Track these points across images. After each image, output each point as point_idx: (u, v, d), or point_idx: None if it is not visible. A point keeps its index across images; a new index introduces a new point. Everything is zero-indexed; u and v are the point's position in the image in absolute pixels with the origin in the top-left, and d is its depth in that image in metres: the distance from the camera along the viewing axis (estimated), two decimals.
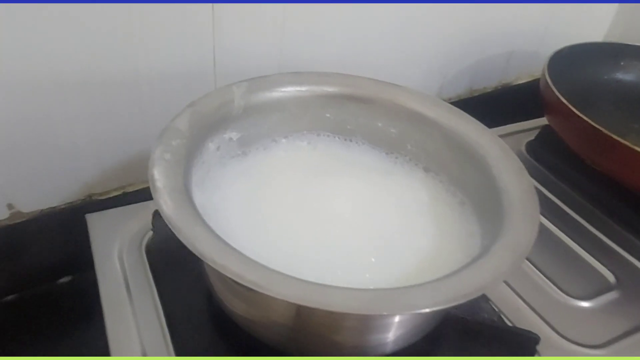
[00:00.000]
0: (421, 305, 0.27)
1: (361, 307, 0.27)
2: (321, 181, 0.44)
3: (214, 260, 0.27)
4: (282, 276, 0.28)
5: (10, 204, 0.50)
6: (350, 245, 0.38)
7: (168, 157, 0.34)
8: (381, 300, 0.27)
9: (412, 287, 0.28)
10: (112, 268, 0.45)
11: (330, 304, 0.26)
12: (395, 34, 0.64)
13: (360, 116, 0.46)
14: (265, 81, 0.44)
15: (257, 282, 0.26)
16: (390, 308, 0.27)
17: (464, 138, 0.42)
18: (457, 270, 0.30)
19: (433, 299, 0.27)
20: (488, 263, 0.30)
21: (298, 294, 0.26)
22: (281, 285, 0.27)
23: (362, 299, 0.27)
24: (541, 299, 0.46)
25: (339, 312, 0.26)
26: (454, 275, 0.30)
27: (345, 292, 0.27)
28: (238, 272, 0.27)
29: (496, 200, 0.36)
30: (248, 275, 0.27)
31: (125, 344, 0.40)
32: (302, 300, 0.26)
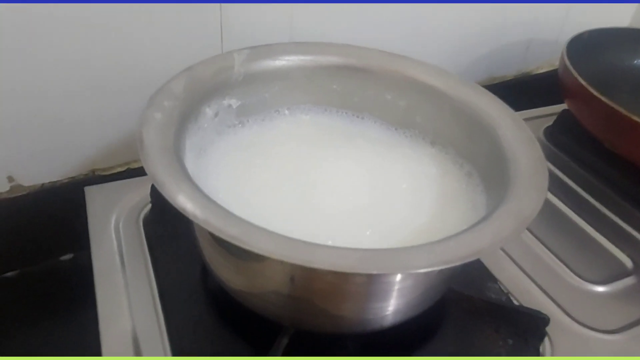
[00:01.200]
0: (414, 266, 0.25)
1: (348, 265, 0.25)
2: (321, 153, 0.42)
3: (195, 215, 0.26)
4: (266, 232, 0.26)
5: (10, 177, 0.49)
6: (347, 217, 0.36)
7: (159, 117, 0.33)
8: (370, 260, 0.26)
9: (405, 248, 0.27)
10: (108, 240, 0.44)
11: (315, 260, 0.25)
12: (411, 20, 0.62)
13: (368, 88, 0.44)
14: (268, 49, 0.42)
15: (238, 237, 0.25)
16: (380, 267, 0.25)
17: (474, 109, 0.40)
18: (456, 234, 0.28)
19: (427, 259, 0.26)
20: (488, 227, 0.28)
21: (282, 250, 0.25)
22: (264, 241, 0.25)
23: (350, 257, 0.25)
24: (554, 282, 0.43)
25: (322, 269, 0.24)
26: (451, 238, 0.28)
27: (332, 250, 0.26)
28: (219, 227, 0.26)
29: (504, 170, 0.35)
30: (230, 229, 0.25)
31: (115, 317, 0.39)
32: (285, 256, 0.25)
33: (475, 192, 0.37)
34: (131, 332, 0.37)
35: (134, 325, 0.38)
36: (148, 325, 0.38)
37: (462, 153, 0.41)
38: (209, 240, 0.34)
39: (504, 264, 0.44)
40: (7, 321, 0.48)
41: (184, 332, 0.37)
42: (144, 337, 0.37)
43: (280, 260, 0.25)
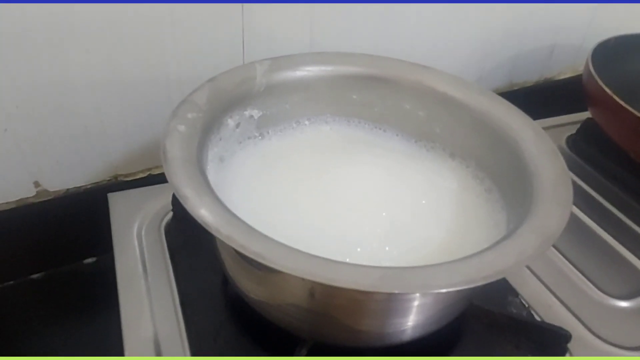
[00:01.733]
0: (435, 285, 0.25)
1: (370, 284, 0.25)
2: (341, 165, 0.42)
3: (218, 230, 0.26)
4: (288, 249, 0.26)
5: (36, 182, 0.51)
6: (365, 231, 0.36)
7: (182, 129, 0.33)
8: (392, 278, 0.25)
9: (426, 267, 0.27)
10: (130, 246, 0.45)
11: (337, 279, 0.25)
12: (432, 23, 0.62)
13: (388, 98, 0.44)
14: (289, 60, 0.42)
15: (261, 254, 0.25)
16: (402, 286, 0.25)
17: (495, 121, 0.39)
18: (478, 252, 0.28)
19: (448, 279, 0.25)
20: (511, 245, 0.28)
21: (303, 267, 0.25)
22: (286, 258, 0.26)
23: (372, 276, 0.25)
24: (576, 297, 0.43)
25: (345, 288, 0.24)
26: (474, 256, 0.28)
27: (353, 268, 0.26)
28: (243, 243, 0.26)
29: (526, 184, 0.34)
30: (253, 246, 0.26)
31: (137, 321, 0.39)
32: (308, 274, 0.25)
33: (494, 208, 0.37)
34: (153, 337, 0.38)
35: (155, 331, 0.38)
36: (169, 332, 0.38)
37: (482, 166, 0.41)
38: (231, 253, 0.34)
39: (526, 278, 0.43)
40: (33, 321, 0.49)
41: (205, 340, 0.38)
42: (166, 343, 0.38)
43: (296, 276, 0.25)
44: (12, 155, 0.48)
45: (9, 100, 0.45)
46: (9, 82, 0.44)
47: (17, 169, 0.49)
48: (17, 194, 0.50)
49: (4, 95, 0.44)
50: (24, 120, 0.46)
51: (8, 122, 0.46)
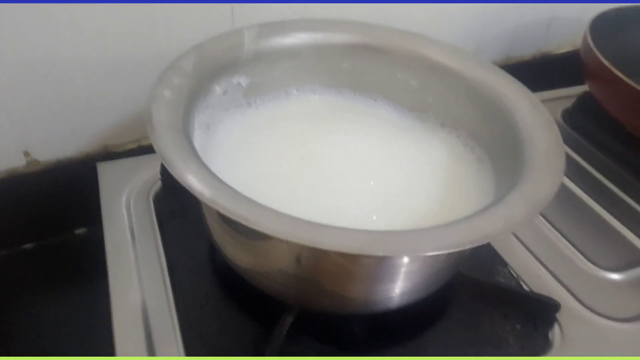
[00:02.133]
0: (422, 249, 0.25)
1: (355, 247, 0.25)
2: (328, 134, 0.41)
3: (202, 194, 0.26)
4: (274, 212, 0.26)
5: (26, 152, 0.50)
6: (353, 201, 0.36)
7: (168, 95, 0.33)
8: (378, 241, 0.25)
9: (413, 231, 0.26)
10: (119, 215, 0.45)
11: (322, 242, 0.24)
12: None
13: (379, 67, 0.43)
14: (278, 26, 0.42)
15: (246, 217, 0.25)
16: (388, 249, 0.25)
17: (490, 90, 0.39)
18: (466, 217, 0.28)
19: (435, 242, 0.25)
20: (500, 211, 0.28)
21: (289, 230, 0.25)
22: (272, 220, 0.25)
23: (358, 239, 0.25)
24: (565, 268, 0.43)
25: (330, 250, 0.24)
26: (461, 221, 0.27)
27: (339, 232, 0.26)
28: (227, 206, 0.25)
29: (518, 153, 0.34)
30: (238, 209, 0.25)
31: (125, 289, 0.39)
32: (293, 236, 0.24)
33: (485, 178, 0.36)
34: (141, 305, 0.38)
35: (143, 299, 0.38)
36: (157, 299, 0.38)
37: (474, 136, 0.40)
38: (217, 219, 0.34)
39: (515, 248, 0.43)
40: (24, 291, 0.49)
41: (192, 307, 0.38)
42: (153, 311, 0.38)
43: (287, 241, 0.25)
44: (2, 124, 0.47)
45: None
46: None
47: (7, 138, 0.48)
48: (7, 163, 0.50)
49: None
50: (13, 89, 0.46)
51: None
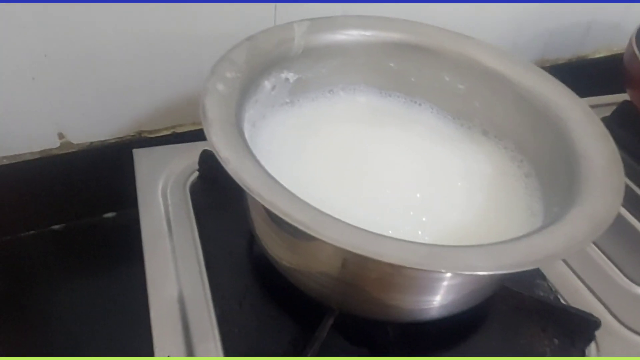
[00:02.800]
0: (483, 267, 0.24)
1: (417, 261, 0.24)
2: (373, 142, 0.41)
3: (261, 196, 0.26)
4: (334, 220, 0.26)
5: (61, 133, 0.50)
6: (398, 213, 0.35)
7: (221, 88, 0.32)
8: (439, 257, 0.25)
9: (474, 247, 0.26)
10: (155, 203, 0.45)
11: (384, 254, 0.24)
12: None
13: (426, 68, 0.42)
14: (329, 22, 0.41)
15: (306, 223, 0.25)
16: (448, 265, 0.25)
17: (541, 98, 0.38)
18: (527, 234, 0.27)
19: (497, 261, 0.25)
20: (562, 229, 0.27)
21: (350, 240, 0.24)
22: (333, 229, 0.25)
23: (418, 253, 0.25)
24: (604, 284, 0.42)
25: (392, 264, 0.24)
26: (522, 239, 0.27)
27: (400, 244, 0.25)
28: (287, 211, 0.25)
29: (573, 167, 0.33)
30: (297, 214, 0.25)
31: (162, 281, 0.39)
32: (355, 247, 0.24)
33: (533, 195, 0.36)
34: (178, 297, 0.38)
35: (180, 291, 0.38)
36: (194, 293, 0.38)
37: (522, 147, 0.39)
38: (263, 216, 0.34)
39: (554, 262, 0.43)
40: (52, 271, 0.49)
41: (231, 303, 0.37)
42: (191, 304, 0.37)
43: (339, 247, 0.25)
44: (38, 105, 0.47)
45: (38, 49, 0.44)
46: (39, 29, 0.43)
47: (43, 119, 0.48)
48: (41, 144, 0.50)
49: (33, 42, 0.43)
50: (52, 69, 0.45)
51: (36, 70, 0.45)
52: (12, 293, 0.47)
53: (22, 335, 0.45)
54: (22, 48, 0.43)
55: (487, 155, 0.40)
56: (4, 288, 0.47)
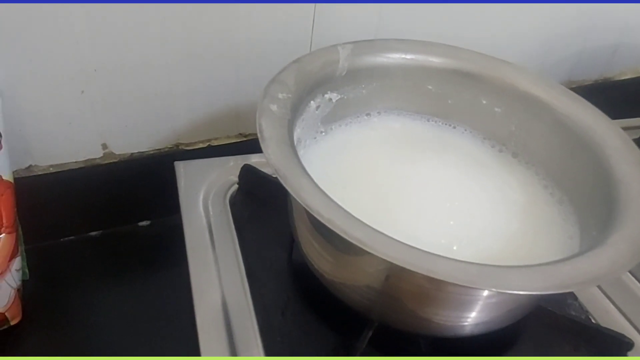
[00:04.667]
0: (531, 287, 0.26)
1: (468, 279, 0.25)
2: (409, 167, 0.42)
3: (319, 213, 0.27)
4: (388, 238, 0.27)
5: (104, 144, 0.52)
6: (430, 241, 0.36)
7: (275, 109, 0.34)
8: (489, 276, 0.26)
9: (522, 267, 0.27)
10: (197, 215, 0.46)
11: (437, 271, 0.25)
12: (499, 14, 0.61)
13: (464, 91, 0.44)
14: (370, 45, 0.42)
15: (363, 240, 0.26)
16: (499, 285, 0.26)
17: (578, 123, 0.39)
18: (570, 257, 0.28)
19: (544, 282, 0.26)
20: (604, 253, 0.28)
21: (405, 257, 0.26)
22: (387, 246, 0.26)
23: (469, 272, 0.26)
24: (634, 306, 0.43)
25: (444, 281, 0.25)
26: (566, 261, 0.28)
27: (451, 263, 0.26)
28: (344, 228, 0.26)
29: (610, 192, 0.34)
30: (354, 232, 0.26)
31: (206, 289, 0.40)
32: (409, 264, 0.25)
33: (567, 220, 0.37)
34: (222, 306, 0.39)
35: (224, 300, 0.40)
36: (237, 302, 0.39)
37: (555, 174, 0.40)
38: (309, 230, 0.35)
39: None
40: (89, 276, 0.51)
41: (273, 312, 0.39)
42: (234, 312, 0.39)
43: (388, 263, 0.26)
44: (86, 117, 0.49)
45: (89, 64, 0.46)
46: (91, 45, 0.44)
47: (89, 131, 0.50)
48: (85, 154, 0.52)
49: (85, 58, 0.45)
50: (100, 83, 0.47)
51: (86, 84, 0.47)
52: (51, 295, 0.49)
53: (61, 336, 0.46)
54: (74, 63, 0.45)
55: (519, 181, 0.41)
56: (44, 290, 0.49)
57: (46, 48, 0.43)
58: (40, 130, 0.48)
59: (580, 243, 0.34)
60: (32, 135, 0.48)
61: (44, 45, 0.43)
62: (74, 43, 0.44)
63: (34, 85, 0.45)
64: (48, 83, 0.45)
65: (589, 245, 0.30)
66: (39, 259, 0.49)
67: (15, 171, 0.45)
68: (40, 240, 0.51)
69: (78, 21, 0.43)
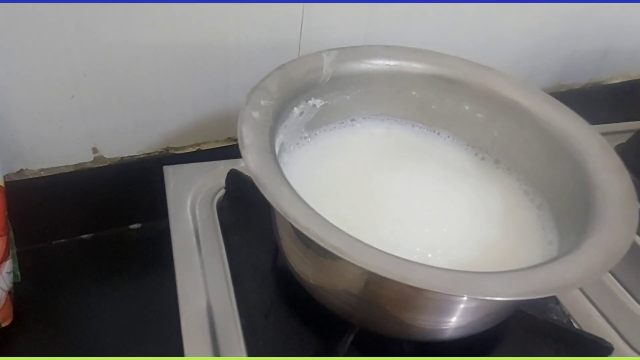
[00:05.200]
0: (504, 293, 0.26)
1: (442, 286, 0.26)
2: (389, 174, 0.42)
3: (297, 221, 0.28)
4: (364, 245, 0.27)
5: (95, 148, 0.52)
6: (407, 249, 0.36)
7: (256, 116, 0.34)
8: (464, 282, 0.27)
9: (497, 273, 0.27)
10: (185, 219, 0.47)
11: (412, 278, 0.26)
12: (489, 18, 0.61)
13: (447, 97, 0.44)
14: (355, 52, 0.43)
15: (339, 248, 0.26)
16: (473, 291, 0.26)
17: (559, 130, 0.39)
18: (545, 263, 0.29)
19: (517, 288, 0.26)
20: (579, 258, 0.29)
21: (380, 264, 0.26)
22: (363, 253, 0.27)
23: (443, 278, 0.26)
24: (617, 310, 0.43)
25: (419, 288, 0.26)
26: (541, 266, 0.28)
27: (426, 269, 0.27)
28: (321, 236, 0.27)
29: (588, 198, 0.34)
30: (331, 239, 0.27)
31: (192, 292, 0.41)
32: (384, 271, 0.26)
33: (545, 226, 0.37)
34: (206, 309, 0.40)
35: (209, 302, 0.40)
36: (222, 305, 0.40)
37: (534, 179, 0.41)
38: (291, 237, 0.36)
39: None
40: (80, 278, 0.51)
41: (256, 316, 0.39)
42: (219, 316, 0.39)
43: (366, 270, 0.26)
44: (76, 122, 0.49)
45: (79, 68, 0.46)
46: (81, 50, 0.45)
47: (79, 135, 0.50)
48: (76, 158, 0.52)
49: (75, 63, 0.45)
50: (90, 88, 0.48)
51: (76, 89, 0.47)
52: (43, 297, 0.49)
53: (52, 337, 0.47)
54: (64, 68, 0.46)
55: (499, 188, 0.42)
56: (35, 292, 0.49)
57: (36, 52, 0.43)
58: (31, 134, 0.48)
59: (559, 248, 0.34)
60: (23, 139, 0.48)
61: (35, 50, 0.43)
62: (64, 47, 0.44)
63: (24, 89, 0.45)
64: (38, 87, 0.46)
65: (565, 250, 0.31)
66: (30, 261, 0.50)
67: (6, 175, 0.45)
68: (32, 243, 0.51)
69: (68, 25, 0.43)
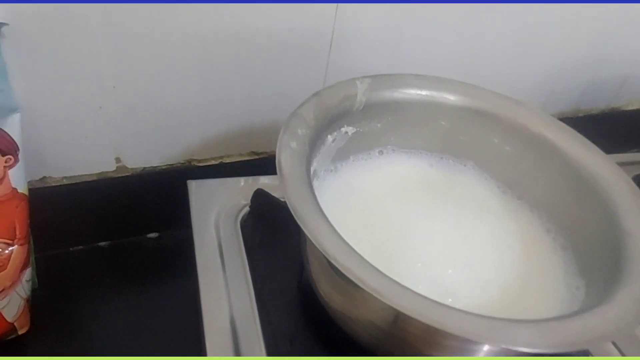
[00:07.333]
0: (542, 344, 0.26)
1: (478, 334, 0.26)
2: (413, 210, 0.42)
3: (337, 260, 0.28)
4: (402, 288, 0.28)
5: (118, 158, 0.53)
6: (425, 291, 0.36)
7: (294, 146, 0.34)
8: (500, 331, 0.27)
9: (531, 323, 0.28)
10: (209, 235, 0.47)
11: (450, 325, 0.26)
12: (509, 42, 0.62)
13: (476, 129, 0.44)
14: (388, 80, 0.43)
15: (379, 291, 0.27)
16: (509, 341, 0.27)
17: (587, 169, 0.39)
18: (578, 312, 0.29)
19: (555, 338, 0.27)
20: (613, 310, 0.29)
21: (419, 309, 0.26)
22: (401, 296, 0.27)
23: (481, 326, 0.27)
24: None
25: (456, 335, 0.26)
26: (575, 317, 0.29)
27: (462, 316, 0.27)
28: (361, 277, 0.27)
29: (618, 243, 0.34)
30: (370, 281, 0.27)
31: (216, 309, 0.41)
32: (422, 316, 0.26)
33: (568, 271, 0.37)
34: (230, 329, 0.40)
35: (233, 323, 0.40)
36: (246, 327, 0.40)
37: (558, 218, 0.41)
38: (323, 266, 0.36)
39: None
40: (98, 284, 0.52)
41: (280, 340, 0.39)
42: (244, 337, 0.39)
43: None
44: (102, 132, 0.50)
45: (108, 79, 0.47)
46: (112, 62, 0.45)
47: (104, 145, 0.51)
48: (99, 167, 0.53)
49: (105, 74, 0.46)
50: (118, 99, 0.48)
51: (104, 100, 0.48)
52: (59, 304, 0.50)
53: (67, 345, 0.47)
54: (94, 79, 0.46)
55: (521, 226, 0.41)
56: (52, 299, 0.50)
57: (67, 64, 0.44)
58: (56, 143, 0.49)
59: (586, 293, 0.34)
60: (48, 147, 0.49)
61: (66, 61, 0.44)
62: (95, 59, 0.45)
63: (53, 99, 0.46)
64: (67, 98, 0.46)
65: (595, 300, 0.31)
66: (47, 266, 0.50)
67: (29, 182, 0.46)
68: (50, 248, 0.52)
69: (99, 37, 0.43)
